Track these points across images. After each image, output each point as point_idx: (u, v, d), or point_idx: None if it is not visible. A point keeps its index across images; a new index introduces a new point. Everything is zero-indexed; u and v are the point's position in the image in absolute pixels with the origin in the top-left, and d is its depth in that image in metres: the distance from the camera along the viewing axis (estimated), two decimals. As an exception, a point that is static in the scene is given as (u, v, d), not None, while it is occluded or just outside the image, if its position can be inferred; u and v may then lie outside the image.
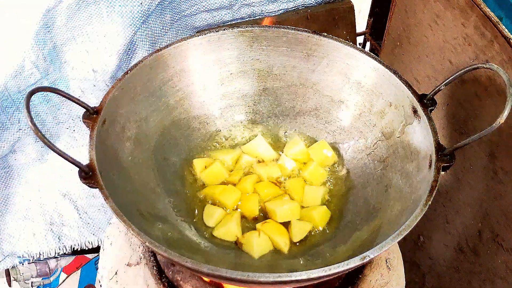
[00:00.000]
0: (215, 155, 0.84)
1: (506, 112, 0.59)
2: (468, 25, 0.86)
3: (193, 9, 1.07)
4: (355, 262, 0.55)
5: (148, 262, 0.78)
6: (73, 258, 1.26)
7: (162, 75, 0.79)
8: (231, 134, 0.87)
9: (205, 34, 0.80)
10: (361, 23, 1.38)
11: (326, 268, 0.54)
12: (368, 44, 1.41)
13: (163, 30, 1.04)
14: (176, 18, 1.06)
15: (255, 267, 0.70)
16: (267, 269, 0.70)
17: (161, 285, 0.76)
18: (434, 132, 0.67)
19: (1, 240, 1.10)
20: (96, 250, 1.24)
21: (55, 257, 1.21)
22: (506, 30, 0.78)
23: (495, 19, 0.80)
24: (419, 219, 0.59)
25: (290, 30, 0.82)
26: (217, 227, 0.75)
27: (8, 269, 1.17)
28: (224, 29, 0.81)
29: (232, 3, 1.09)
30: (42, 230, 1.12)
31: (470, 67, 0.67)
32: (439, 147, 0.65)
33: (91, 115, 0.67)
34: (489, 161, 0.87)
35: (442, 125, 0.97)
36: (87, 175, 0.61)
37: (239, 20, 1.13)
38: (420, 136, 0.70)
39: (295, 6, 1.16)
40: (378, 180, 0.77)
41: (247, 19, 1.14)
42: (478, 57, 0.85)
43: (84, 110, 0.67)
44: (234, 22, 1.13)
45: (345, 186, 0.81)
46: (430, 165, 0.65)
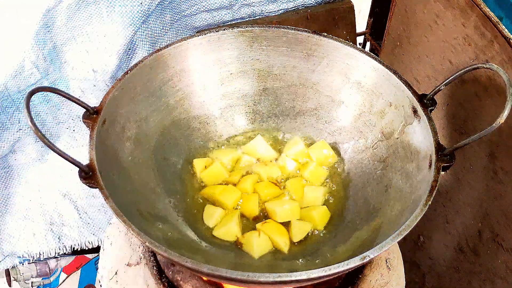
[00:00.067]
0: (215, 155, 0.84)
1: (506, 112, 0.59)
2: (468, 25, 0.86)
3: (193, 9, 1.07)
4: (355, 262, 0.55)
5: (148, 262, 0.78)
6: (73, 258, 1.26)
7: (162, 75, 0.79)
8: (231, 134, 0.87)
9: (205, 34, 0.80)
10: (361, 23, 1.38)
11: (326, 268, 0.54)
12: (368, 44, 1.41)
13: (163, 30, 1.04)
14: (176, 18, 1.06)
15: (255, 267, 0.70)
16: (267, 269, 0.70)
17: (161, 285, 0.76)
18: (434, 132, 0.67)
19: (1, 240, 1.10)
20: (96, 250, 1.24)
21: (55, 257, 1.21)
22: (506, 30, 0.78)
23: (495, 19, 0.80)
24: (419, 219, 0.59)
25: (290, 30, 0.82)
26: (217, 227, 0.75)
27: (8, 269, 1.17)
28: (224, 29, 0.81)
29: (232, 3, 1.09)
30: (42, 230, 1.12)
31: (470, 67, 0.67)
32: (439, 147, 0.65)
33: (91, 115, 0.67)
34: (489, 161, 0.87)
35: (442, 125, 0.97)
36: (87, 175, 0.61)
37: (239, 20, 1.13)
38: (420, 136, 0.70)
39: (295, 6, 1.16)
40: (378, 180, 0.77)
41: (247, 19, 1.14)
42: (478, 57, 0.85)
43: (84, 110, 0.67)
44: (234, 22, 1.13)
45: (345, 186, 0.81)
46: (430, 165, 0.65)
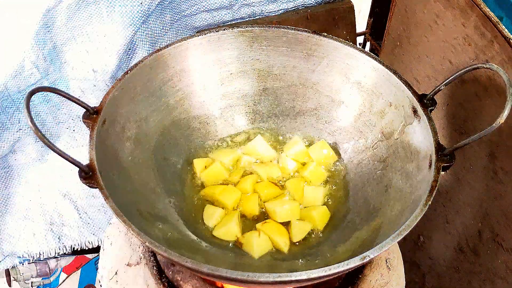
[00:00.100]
0: (215, 155, 0.84)
1: (506, 112, 0.59)
2: (468, 25, 0.86)
3: (193, 9, 1.07)
4: (355, 262, 0.55)
5: (148, 262, 0.78)
6: (73, 258, 1.26)
7: (162, 75, 0.79)
8: (231, 134, 0.87)
9: (205, 34, 0.80)
10: (361, 23, 1.38)
11: (326, 268, 0.54)
12: (368, 44, 1.41)
13: (163, 30, 1.04)
14: (176, 18, 1.06)
15: (255, 267, 0.70)
16: (267, 269, 0.70)
17: (161, 285, 0.76)
18: (434, 132, 0.67)
19: (1, 240, 1.10)
20: (96, 250, 1.24)
21: (55, 257, 1.21)
22: (506, 30, 0.78)
23: (495, 19, 0.80)
24: (419, 219, 0.59)
25: (290, 30, 0.82)
26: (217, 227, 0.75)
27: (8, 269, 1.17)
28: (224, 29, 0.81)
29: (232, 3, 1.09)
30: (42, 230, 1.12)
31: (470, 67, 0.67)
32: (439, 147, 0.65)
33: (91, 115, 0.67)
34: (489, 161, 0.87)
35: (442, 125, 0.97)
36: (87, 175, 0.61)
37: (239, 20, 1.13)
38: (420, 136, 0.70)
39: (295, 6, 1.16)
40: (378, 180, 0.77)
41: (247, 19, 1.14)
42: (478, 57, 0.85)
43: (84, 110, 0.67)
44: (234, 22, 1.13)
45: (345, 186, 0.81)
46: (430, 165, 0.65)
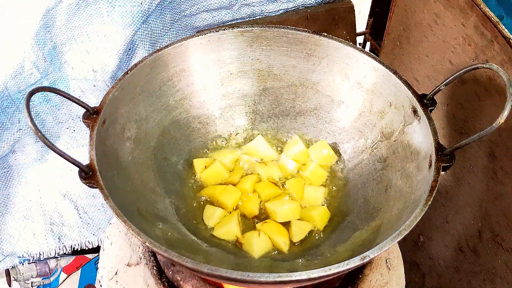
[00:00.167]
0: (215, 155, 0.84)
1: (506, 112, 0.59)
2: (468, 25, 0.86)
3: (193, 9, 1.07)
4: (355, 262, 0.55)
5: (148, 262, 0.78)
6: (73, 258, 1.26)
7: (162, 75, 0.79)
8: (231, 134, 0.87)
9: (205, 34, 0.80)
10: (361, 23, 1.38)
11: (326, 268, 0.54)
12: (368, 44, 1.41)
13: (163, 30, 1.04)
14: (176, 18, 1.06)
15: (255, 267, 0.70)
16: (267, 269, 0.70)
17: (161, 285, 0.76)
18: (434, 132, 0.67)
19: (1, 240, 1.10)
20: (96, 250, 1.24)
21: (55, 257, 1.21)
22: (506, 30, 0.78)
23: (495, 19, 0.80)
24: (419, 219, 0.59)
25: (290, 30, 0.82)
26: (217, 227, 0.75)
27: (8, 269, 1.17)
28: (224, 29, 0.81)
29: (232, 3, 1.09)
30: (42, 230, 1.12)
31: (470, 67, 0.67)
32: (439, 147, 0.65)
33: (91, 115, 0.67)
34: (489, 161, 0.87)
35: (442, 125, 0.97)
36: (87, 175, 0.61)
37: (239, 20, 1.13)
38: (420, 136, 0.70)
39: (295, 6, 1.16)
40: (378, 180, 0.77)
41: (247, 19, 1.14)
42: (478, 57, 0.85)
43: (84, 110, 0.67)
44: (234, 22, 1.13)
45: (345, 186, 0.81)
46: (430, 165, 0.65)
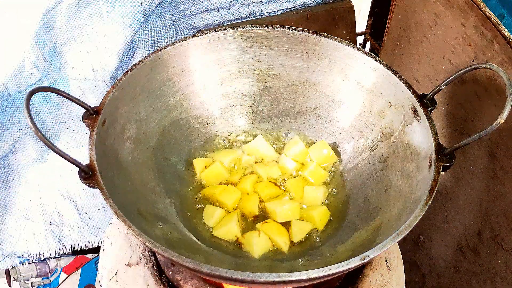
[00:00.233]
0: (215, 155, 0.84)
1: (506, 112, 0.59)
2: (468, 25, 0.86)
3: (193, 9, 1.07)
4: (355, 262, 0.55)
5: (148, 262, 0.78)
6: (73, 258, 1.26)
7: (162, 75, 0.79)
8: (231, 134, 0.87)
9: (205, 34, 0.80)
10: (361, 23, 1.38)
11: (326, 268, 0.54)
12: (368, 44, 1.41)
13: (163, 30, 1.04)
14: (176, 18, 1.06)
15: (255, 267, 0.70)
16: (267, 269, 0.70)
17: (161, 285, 0.76)
18: (434, 132, 0.67)
19: (1, 240, 1.10)
20: (96, 250, 1.24)
21: (55, 257, 1.21)
22: (506, 30, 0.78)
23: (495, 19, 0.80)
24: (419, 219, 0.59)
25: (290, 30, 0.82)
26: (217, 227, 0.75)
27: (8, 269, 1.17)
28: (224, 29, 0.81)
29: (232, 3, 1.09)
30: (42, 230, 1.12)
31: (470, 67, 0.67)
32: (439, 147, 0.65)
33: (91, 115, 0.67)
34: (489, 161, 0.87)
35: (442, 125, 0.97)
36: (87, 175, 0.61)
37: (239, 20, 1.13)
38: (420, 136, 0.70)
39: (295, 6, 1.16)
40: (378, 180, 0.77)
41: (247, 19, 1.14)
42: (478, 57, 0.85)
43: (84, 110, 0.67)
44: (234, 22, 1.13)
45: (345, 186, 0.81)
46: (430, 165, 0.65)
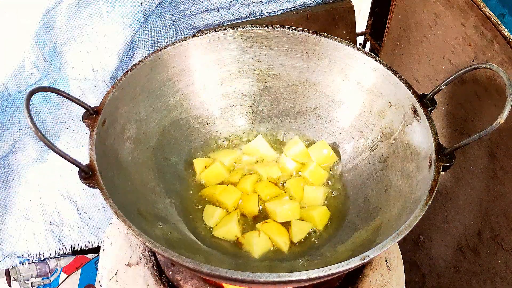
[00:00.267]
0: (215, 155, 0.84)
1: (506, 112, 0.59)
2: (468, 25, 0.86)
3: (193, 9, 1.07)
4: (355, 262, 0.55)
5: (148, 262, 0.78)
6: (73, 258, 1.26)
7: (162, 75, 0.79)
8: (231, 134, 0.87)
9: (205, 34, 0.80)
10: (361, 23, 1.38)
11: (326, 268, 0.54)
12: (368, 44, 1.41)
13: (163, 30, 1.04)
14: (176, 18, 1.06)
15: (255, 267, 0.70)
16: (267, 269, 0.70)
17: (161, 285, 0.76)
18: (434, 132, 0.67)
19: (1, 240, 1.10)
20: (96, 250, 1.24)
21: (55, 257, 1.21)
22: (506, 30, 0.78)
23: (495, 19, 0.80)
24: (419, 219, 0.59)
25: (290, 30, 0.82)
26: (217, 227, 0.75)
27: (8, 269, 1.17)
28: (224, 29, 0.81)
29: (232, 3, 1.09)
30: (42, 230, 1.12)
31: (470, 67, 0.67)
32: (439, 147, 0.65)
33: (91, 115, 0.67)
34: (489, 161, 0.87)
35: (442, 125, 0.97)
36: (87, 175, 0.61)
37: (239, 20, 1.13)
38: (420, 136, 0.70)
39: (295, 6, 1.16)
40: (378, 180, 0.77)
41: (247, 19, 1.14)
42: (478, 57, 0.85)
43: (84, 110, 0.67)
44: (234, 22, 1.13)
45: (345, 186, 0.81)
46: (430, 165, 0.65)
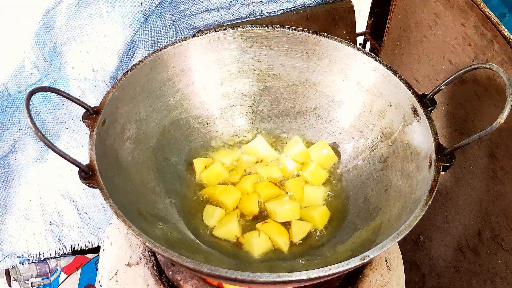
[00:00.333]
0: (215, 155, 0.84)
1: (506, 112, 0.59)
2: (468, 25, 0.86)
3: (193, 9, 1.07)
4: (355, 262, 0.55)
5: (148, 262, 0.78)
6: (73, 258, 1.26)
7: (162, 75, 0.79)
8: (231, 134, 0.87)
9: (205, 34, 0.80)
10: (361, 23, 1.38)
11: (326, 268, 0.54)
12: (368, 44, 1.41)
13: (163, 30, 1.04)
14: (176, 18, 1.06)
15: (255, 267, 0.70)
16: (267, 269, 0.70)
17: (161, 285, 0.76)
18: (434, 132, 0.67)
19: (1, 240, 1.10)
20: (96, 250, 1.24)
21: (55, 257, 1.21)
22: (506, 30, 0.78)
23: (495, 19, 0.80)
24: (419, 219, 0.59)
25: (290, 30, 0.82)
26: (217, 227, 0.75)
27: (8, 269, 1.17)
28: (224, 29, 0.81)
29: (232, 3, 1.09)
30: (42, 230, 1.12)
31: (470, 67, 0.67)
32: (439, 147, 0.65)
33: (91, 115, 0.67)
34: (489, 161, 0.87)
35: (442, 125, 0.97)
36: (87, 175, 0.61)
37: (239, 20, 1.13)
38: (420, 136, 0.70)
39: (295, 6, 1.16)
40: (378, 180, 0.77)
41: (247, 19, 1.14)
42: (478, 57, 0.85)
43: (84, 110, 0.67)
44: (234, 22, 1.13)
45: (345, 186, 0.81)
46: (430, 165, 0.65)
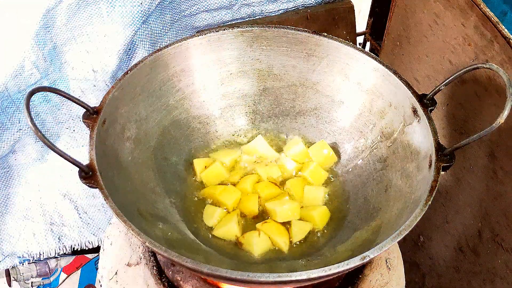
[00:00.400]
0: (215, 155, 0.84)
1: (506, 112, 0.59)
2: (468, 25, 0.86)
3: (193, 9, 1.07)
4: (355, 262, 0.55)
5: (148, 262, 0.78)
6: (73, 258, 1.26)
7: (162, 75, 0.79)
8: (231, 134, 0.87)
9: (205, 34, 0.80)
10: (361, 23, 1.38)
11: (326, 268, 0.54)
12: (368, 44, 1.41)
13: (163, 30, 1.04)
14: (176, 18, 1.06)
15: (255, 267, 0.70)
16: (267, 269, 0.70)
17: (161, 285, 0.76)
18: (434, 132, 0.67)
19: (1, 240, 1.10)
20: (96, 250, 1.24)
21: (55, 257, 1.21)
22: (506, 30, 0.78)
23: (495, 19, 0.80)
24: (419, 219, 0.59)
25: (290, 30, 0.82)
26: (217, 227, 0.75)
27: (8, 269, 1.17)
28: (224, 29, 0.81)
29: (232, 3, 1.09)
30: (42, 230, 1.12)
31: (470, 67, 0.67)
32: (439, 147, 0.65)
33: (91, 115, 0.67)
34: (489, 161, 0.87)
35: (442, 125, 0.97)
36: (87, 175, 0.61)
37: (239, 20, 1.13)
38: (420, 136, 0.70)
39: (295, 6, 1.16)
40: (378, 180, 0.77)
41: (247, 19, 1.14)
42: (478, 57, 0.85)
43: (84, 110, 0.67)
44: (234, 22, 1.13)
45: (345, 186, 0.81)
46: (430, 165, 0.65)
